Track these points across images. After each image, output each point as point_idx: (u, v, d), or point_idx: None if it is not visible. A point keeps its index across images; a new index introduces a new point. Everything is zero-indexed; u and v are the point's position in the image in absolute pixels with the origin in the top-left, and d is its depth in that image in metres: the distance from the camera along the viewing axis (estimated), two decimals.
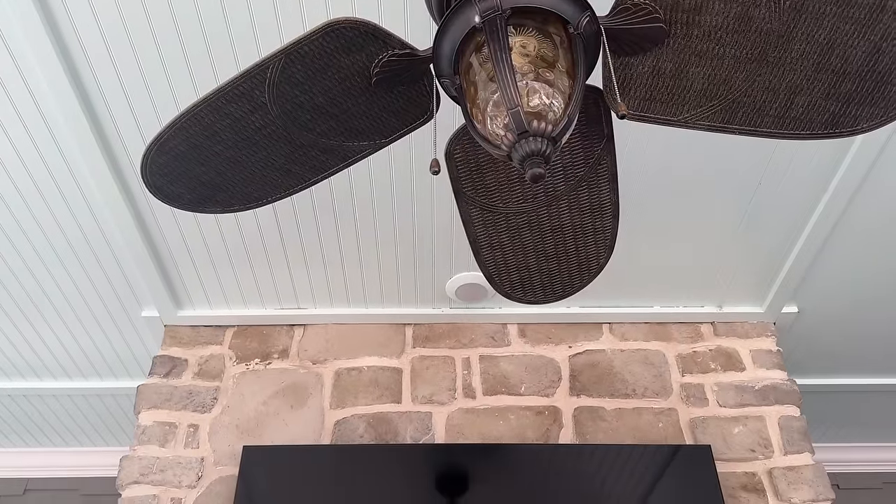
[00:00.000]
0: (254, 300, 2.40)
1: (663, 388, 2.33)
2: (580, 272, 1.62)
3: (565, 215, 1.48)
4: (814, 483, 2.11)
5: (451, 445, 2.18)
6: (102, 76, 1.68)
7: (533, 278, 1.62)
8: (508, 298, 1.66)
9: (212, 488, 2.11)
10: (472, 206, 1.43)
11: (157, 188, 1.26)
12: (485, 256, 1.54)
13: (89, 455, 3.13)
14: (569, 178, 1.42)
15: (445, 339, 2.46)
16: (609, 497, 2.06)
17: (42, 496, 3.06)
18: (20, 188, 1.97)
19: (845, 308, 2.43)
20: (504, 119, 0.95)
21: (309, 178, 1.34)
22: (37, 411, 2.88)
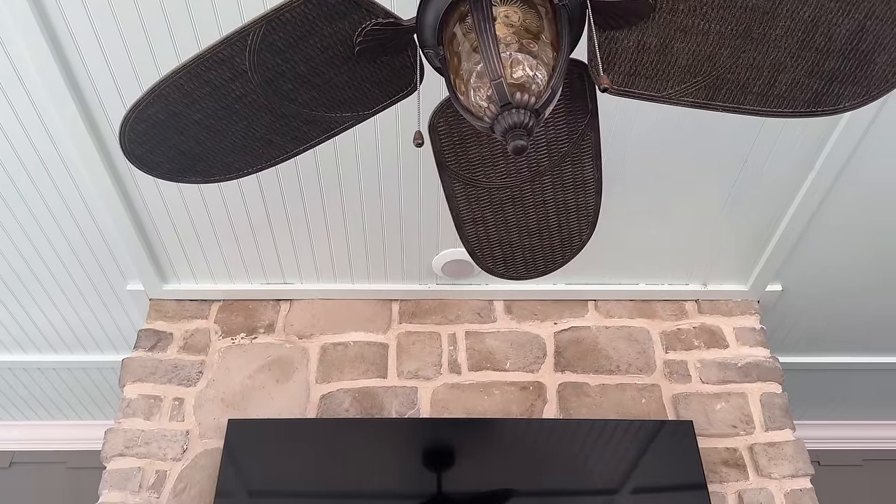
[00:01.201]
0: (239, 274, 2.40)
1: (647, 365, 2.35)
2: (562, 248, 1.62)
3: (548, 191, 1.48)
4: (794, 459, 2.14)
5: (437, 420, 2.20)
6: (85, 48, 1.66)
7: (515, 254, 1.62)
8: (491, 274, 1.66)
9: (197, 461, 2.12)
10: (456, 180, 1.43)
11: (135, 156, 1.24)
12: (467, 231, 1.54)
13: (75, 428, 3.13)
14: (552, 153, 1.41)
15: (432, 315, 2.46)
16: (593, 471, 2.08)
17: (28, 469, 3.06)
18: (3, 162, 1.95)
19: (829, 287, 2.45)
20: (487, 91, 0.94)
21: (291, 149, 1.33)
22: (22, 385, 2.87)
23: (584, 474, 2.09)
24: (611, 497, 2.06)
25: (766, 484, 2.10)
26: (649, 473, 2.09)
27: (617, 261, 2.38)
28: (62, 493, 2.99)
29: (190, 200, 2.11)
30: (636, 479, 2.07)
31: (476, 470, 2.11)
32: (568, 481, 2.07)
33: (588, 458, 2.11)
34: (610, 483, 2.07)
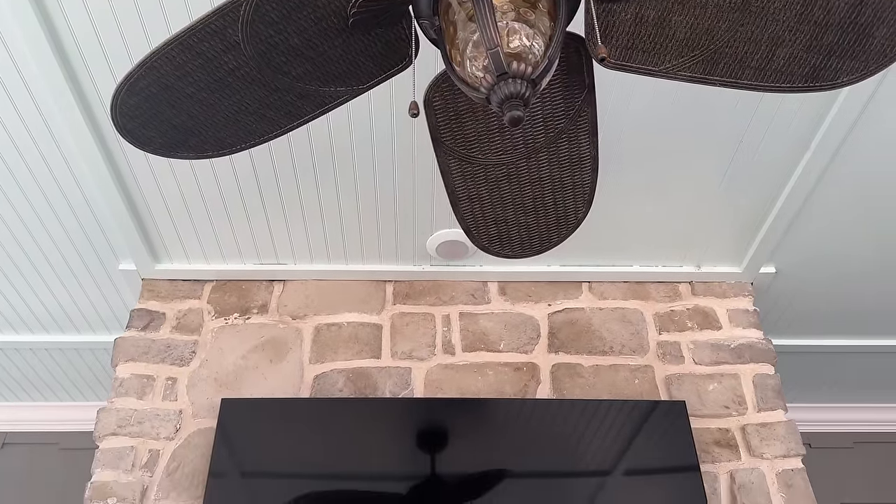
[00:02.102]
0: (232, 255, 2.38)
1: (640, 346, 2.35)
2: (558, 227, 1.61)
3: (544, 168, 1.47)
4: (785, 439, 2.15)
5: (431, 399, 2.20)
6: (75, 21, 1.64)
7: (511, 232, 1.61)
8: (486, 252, 1.66)
9: (190, 440, 2.11)
10: (451, 156, 1.42)
11: (127, 131, 1.23)
12: (462, 209, 1.53)
13: (68, 410, 3.13)
14: (549, 129, 1.40)
15: (426, 297, 2.46)
16: (586, 452, 2.09)
17: (21, 450, 3.05)
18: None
19: (823, 269, 2.46)
20: (483, 61, 0.93)
21: (284, 124, 1.31)
22: (14, 365, 2.86)
23: (577, 455, 2.10)
24: (604, 478, 2.07)
25: (758, 464, 2.12)
26: (642, 454, 2.09)
27: (611, 242, 2.37)
28: (55, 474, 2.98)
29: (182, 179, 2.09)
30: (629, 459, 2.08)
31: (469, 451, 2.11)
32: (561, 462, 2.07)
33: (581, 439, 2.12)
34: (603, 464, 2.07)
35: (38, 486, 2.96)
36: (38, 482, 2.97)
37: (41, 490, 2.95)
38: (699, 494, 1.99)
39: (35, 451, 3.05)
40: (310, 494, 2.01)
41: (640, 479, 2.08)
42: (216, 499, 1.95)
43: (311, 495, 2.01)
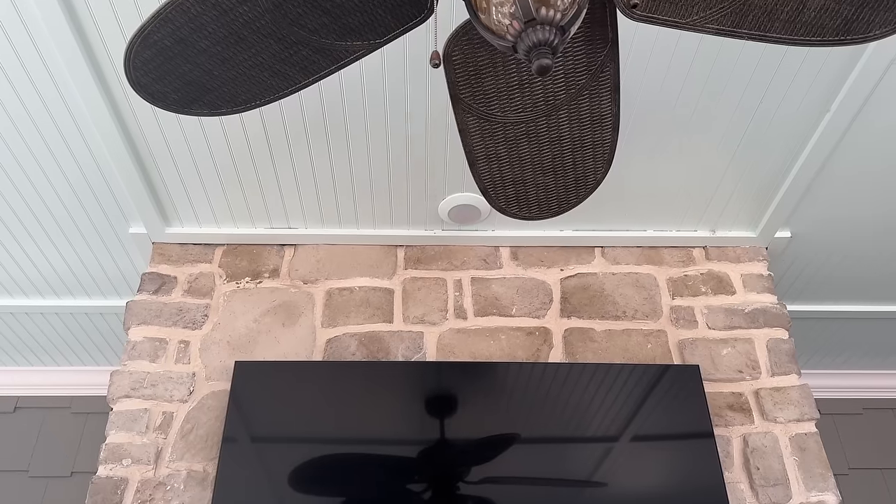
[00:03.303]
0: (243, 218, 2.37)
1: (653, 311, 2.34)
2: (577, 187, 1.59)
3: (564, 126, 1.45)
4: (799, 403, 2.15)
5: (443, 363, 2.19)
6: None
7: (529, 193, 1.59)
8: (503, 213, 1.63)
9: (203, 402, 2.12)
10: (470, 114, 1.39)
11: (141, 86, 1.20)
12: (480, 169, 1.50)
13: (80, 374, 3.14)
14: (570, 85, 1.37)
15: (437, 262, 2.44)
16: (597, 414, 2.09)
17: (33, 413, 3.07)
18: (3, 101, 1.90)
19: (839, 234, 2.43)
20: (510, 7, 0.90)
21: (299, 80, 1.28)
22: (25, 330, 2.86)
23: (589, 417, 2.09)
24: (613, 443, 2.07)
25: (771, 428, 2.11)
26: (655, 416, 2.09)
27: (625, 206, 2.35)
28: (67, 438, 3.01)
29: (193, 142, 2.07)
30: (641, 424, 2.08)
31: (479, 415, 2.11)
32: (571, 426, 2.07)
33: (593, 401, 2.11)
34: (612, 429, 2.07)
35: (51, 449, 2.98)
36: (51, 445, 2.99)
37: (53, 453, 2.97)
38: (713, 459, 1.99)
39: (47, 414, 3.07)
40: (322, 458, 2.02)
41: (651, 444, 2.08)
42: (230, 462, 1.95)
43: (323, 458, 2.02)
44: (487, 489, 2.00)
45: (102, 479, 1.98)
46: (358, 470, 1.99)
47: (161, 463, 2.02)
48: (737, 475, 2.05)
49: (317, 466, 2.01)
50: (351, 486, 1.97)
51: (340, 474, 1.98)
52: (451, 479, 2.02)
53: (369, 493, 1.96)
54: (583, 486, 2.02)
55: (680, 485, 1.96)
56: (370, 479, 1.98)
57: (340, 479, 1.97)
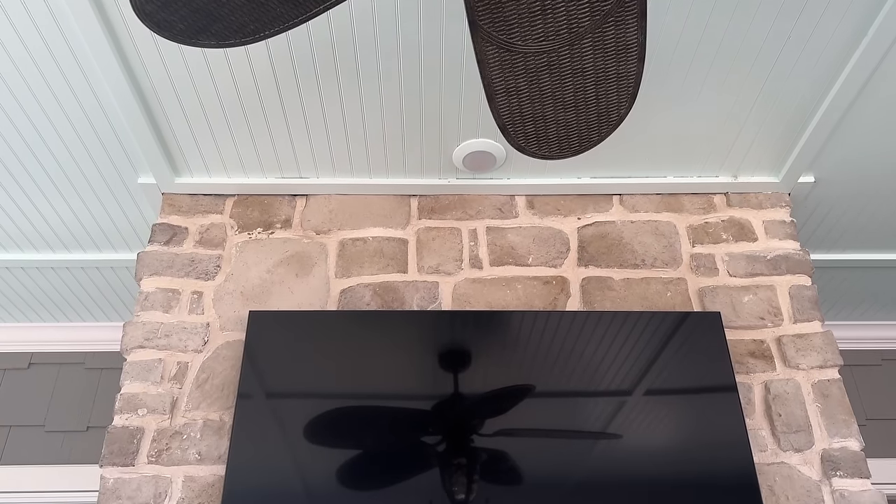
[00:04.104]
0: (254, 168, 2.32)
1: (673, 259, 2.30)
2: (599, 123, 1.53)
3: (588, 57, 1.39)
4: (822, 350, 2.11)
5: (459, 312, 2.16)
6: None
7: (549, 130, 1.53)
8: (522, 152, 1.58)
9: (219, 352, 2.10)
10: (489, 43, 1.33)
11: (146, 14, 1.15)
12: (499, 103, 1.45)
13: (93, 330, 3.14)
14: (594, 12, 1.31)
15: (452, 211, 2.40)
16: (615, 361, 2.06)
17: (47, 369, 3.08)
18: (8, 49, 1.85)
19: (863, 179, 2.37)
20: None
21: (311, 7, 1.23)
22: (36, 285, 2.85)
23: (607, 364, 2.06)
24: (628, 396, 2.04)
25: (794, 375, 2.08)
26: (674, 364, 2.06)
27: (644, 152, 2.29)
28: (81, 393, 3.02)
29: (201, 87, 2.02)
30: (660, 374, 2.04)
31: (493, 369, 2.08)
32: (586, 379, 2.04)
33: (611, 349, 2.08)
34: (628, 381, 2.04)
35: (65, 404, 2.99)
36: (65, 401, 3.00)
37: (69, 408, 2.98)
38: (735, 412, 1.96)
39: (61, 370, 3.08)
40: (337, 410, 2.01)
41: (671, 396, 2.05)
42: (246, 412, 1.94)
43: (338, 411, 2.00)
44: (501, 441, 1.98)
45: (118, 428, 1.97)
46: (372, 422, 1.98)
47: (177, 412, 2.01)
48: (758, 422, 2.02)
49: (332, 419, 2.00)
50: (366, 438, 1.96)
51: (355, 427, 1.97)
52: (466, 432, 2.00)
53: (384, 445, 1.95)
54: (597, 437, 2.00)
55: (700, 438, 1.93)
56: (384, 431, 1.97)
57: (355, 431, 1.96)
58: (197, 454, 1.95)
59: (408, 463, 1.92)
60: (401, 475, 1.92)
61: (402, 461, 1.92)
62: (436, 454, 1.96)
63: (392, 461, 1.91)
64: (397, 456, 1.92)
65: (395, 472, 1.90)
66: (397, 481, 1.91)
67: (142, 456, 1.94)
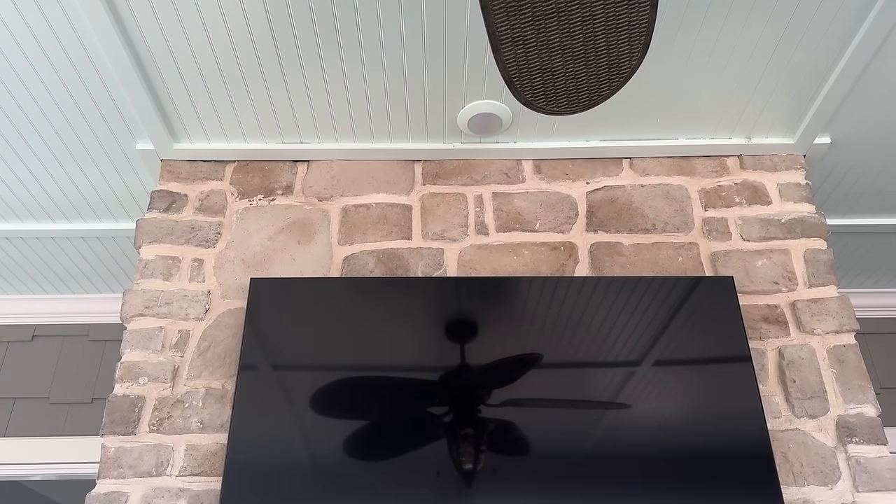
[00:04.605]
0: (253, 133, 2.26)
1: (684, 223, 2.24)
2: (609, 75, 1.47)
3: (598, 3, 1.32)
4: (838, 314, 2.05)
5: (465, 278, 2.11)
6: None
7: (557, 82, 1.47)
8: (528, 107, 1.52)
9: (220, 320, 2.06)
10: None
11: None
12: (505, 54, 1.39)
13: (96, 301, 3.11)
14: None
15: (457, 176, 2.34)
16: (625, 328, 2.01)
17: (50, 341, 3.05)
18: (2, 16, 1.80)
19: (882, 140, 2.29)
20: None
21: None
22: (37, 256, 2.81)
23: (617, 331, 2.02)
24: (638, 365, 1.99)
25: (808, 340, 2.03)
26: (686, 329, 2.01)
27: (655, 113, 2.22)
28: (85, 365, 2.99)
29: (197, 49, 1.96)
30: (671, 343, 1.99)
31: (500, 339, 2.04)
32: (595, 348, 1.99)
33: (621, 315, 2.03)
34: (638, 350, 1.99)
35: (69, 376, 2.97)
36: (69, 373, 2.98)
37: (73, 380, 2.96)
38: (748, 377, 1.91)
39: (65, 342, 3.05)
40: (342, 381, 1.97)
41: (683, 366, 2.00)
42: (248, 382, 1.90)
43: (343, 381, 1.97)
44: (509, 412, 1.94)
45: (119, 397, 1.94)
46: (378, 393, 1.94)
47: (178, 381, 1.97)
48: (772, 388, 1.97)
49: (337, 389, 1.96)
50: (372, 408, 1.93)
51: (361, 397, 1.93)
52: (473, 402, 1.97)
53: (390, 415, 1.91)
54: (606, 407, 1.96)
55: (713, 408, 1.89)
56: (391, 402, 1.93)
57: (362, 402, 1.93)
58: (199, 422, 1.92)
59: (415, 433, 1.89)
60: (408, 446, 1.89)
61: (408, 432, 1.89)
62: (443, 425, 1.93)
63: (399, 432, 1.88)
64: (404, 426, 1.89)
65: (402, 442, 1.87)
66: (404, 452, 1.88)
67: (143, 425, 1.91)
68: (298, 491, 1.79)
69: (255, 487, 1.78)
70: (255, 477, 1.79)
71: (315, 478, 1.81)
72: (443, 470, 1.85)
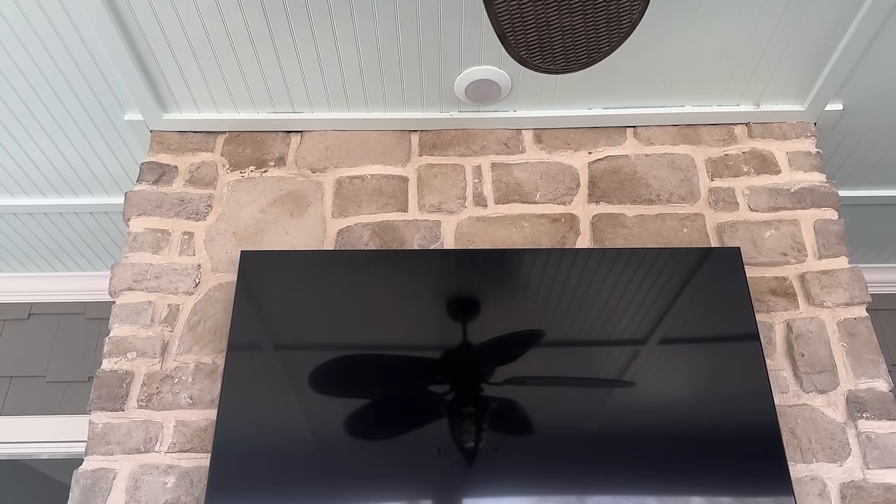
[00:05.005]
0: (244, 102, 2.20)
1: (690, 194, 2.16)
2: (609, 30, 1.39)
3: None
4: (849, 286, 1.98)
5: (463, 251, 2.05)
6: None
7: (553, 38, 1.40)
8: (523, 65, 1.45)
9: (211, 294, 2.01)
10: None
11: None
12: (498, 6, 1.31)
13: (93, 279, 3.06)
14: None
15: (454, 147, 2.27)
16: (629, 306, 1.95)
17: (47, 319, 3.02)
18: None
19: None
20: None
21: None
22: (31, 232, 2.77)
23: (618, 316, 1.95)
24: (642, 343, 1.92)
25: (818, 313, 1.96)
26: (690, 303, 1.94)
27: (660, 80, 2.14)
28: (81, 343, 2.96)
29: (184, 14, 1.89)
30: (673, 319, 1.93)
31: (503, 317, 1.98)
32: (599, 325, 1.93)
33: (624, 296, 1.97)
34: (642, 328, 1.92)
35: (66, 355, 2.93)
36: (66, 351, 2.94)
37: (69, 358, 2.92)
38: (755, 355, 1.84)
39: (62, 320, 3.02)
40: (341, 359, 1.92)
41: (687, 344, 1.93)
42: (239, 356, 1.85)
43: (342, 359, 1.91)
44: (512, 390, 1.89)
45: (107, 372, 1.90)
46: (378, 371, 1.89)
47: (168, 356, 1.92)
48: (779, 363, 1.91)
49: (335, 367, 1.91)
50: (372, 387, 1.88)
51: (360, 375, 1.88)
52: (474, 381, 1.91)
53: (391, 394, 1.86)
54: (610, 385, 1.90)
55: (719, 386, 1.82)
56: (391, 381, 1.88)
57: (361, 380, 1.87)
58: (189, 398, 1.87)
59: (415, 412, 1.84)
60: (408, 425, 1.84)
61: (409, 410, 1.84)
62: (444, 403, 1.88)
63: (399, 411, 1.84)
64: (404, 405, 1.85)
65: (403, 421, 1.83)
66: (405, 431, 1.83)
67: (132, 400, 1.86)
68: (291, 471, 1.74)
69: (245, 465, 1.73)
70: (244, 455, 1.74)
71: (311, 456, 1.76)
72: (444, 448, 1.81)
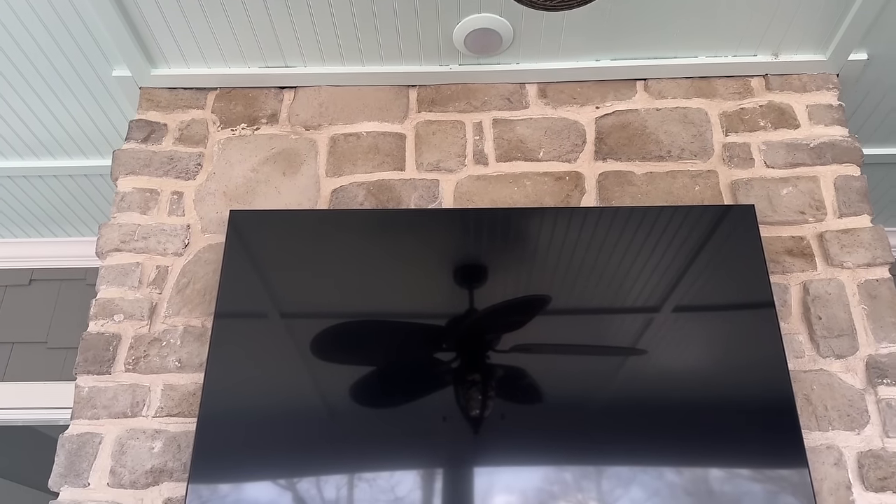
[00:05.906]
0: (234, 57, 2.11)
1: (703, 150, 2.05)
2: None
3: None
4: (871, 246, 1.86)
5: (463, 210, 1.96)
6: None
7: None
8: (519, 2, 1.34)
9: (200, 255, 1.94)
10: None
11: None
12: None
13: (94, 245, 3.00)
14: None
15: (454, 102, 2.17)
16: (644, 269, 1.85)
17: (48, 285, 2.98)
18: None
19: None
20: None
21: None
22: (27, 195, 2.72)
23: (628, 282, 1.85)
24: (655, 311, 1.83)
25: (837, 274, 1.85)
26: (699, 263, 1.84)
27: (672, 28, 2.01)
28: (83, 309, 2.91)
29: None
30: (692, 281, 1.83)
31: (510, 284, 1.89)
32: (609, 292, 1.84)
33: (637, 262, 1.87)
34: (653, 296, 1.83)
35: (67, 321, 2.90)
36: (67, 317, 2.91)
37: (71, 324, 2.89)
38: (770, 321, 1.74)
39: (63, 286, 2.98)
40: (345, 324, 1.84)
41: (699, 313, 1.83)
42: (225, 321, 1.79)
43: (345, 325, 1.84)
44: (519, 358, 1.82)
45: (93, 335, 1.84)
46: (382, 338, 1.82)
47: (156, 318, 1.87)
48: (794, 326, 1.80)
49: (337, 334, 1.84)
50: (376, 353, 1.81)
51: (364, 342, 1.81)
52: (481, 348, 1.84)
53: (396, 361, 1.80)
54: (620, 353, 1.82)
55: (733, 354, 1.73)
56: (395, 348, 1.81)
57: (364, 347, 1.81)
58: (177, 362, 1.81)
59: (421, 380, 1.78)
60: (413, 392, 1.78)
61: (414, 378, 1.78)
62: (450, 371, 1.81)
63: (404, 378, 1.77)
64: (410, 373, 1.78)
65: (408, 389, 1.76)
66: (411, 399, 1.77)
67: (118, 364, 1.81)
68: (285, 437, 1.68)
69: (231, 432, 1.68)
70: (231, 422, 1.69)
71: (311, 423, 1.70)
72: (449, 416, 1.75)
